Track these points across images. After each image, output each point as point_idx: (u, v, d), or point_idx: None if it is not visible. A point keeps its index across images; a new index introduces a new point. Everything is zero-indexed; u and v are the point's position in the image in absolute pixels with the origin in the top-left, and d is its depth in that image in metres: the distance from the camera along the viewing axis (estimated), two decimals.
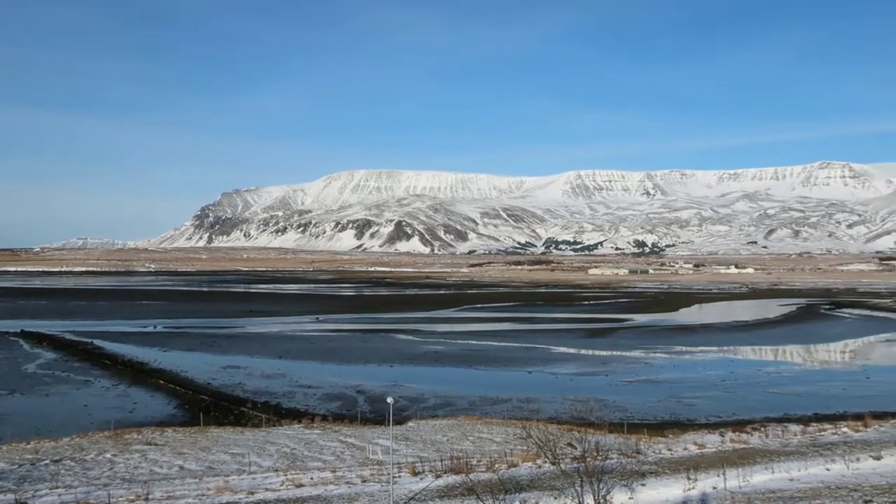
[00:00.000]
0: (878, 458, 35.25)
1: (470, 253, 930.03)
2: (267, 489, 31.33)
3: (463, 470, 32.77)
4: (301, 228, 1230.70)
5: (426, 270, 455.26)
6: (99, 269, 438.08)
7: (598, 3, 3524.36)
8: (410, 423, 47.61)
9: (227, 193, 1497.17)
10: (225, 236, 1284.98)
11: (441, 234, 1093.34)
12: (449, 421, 48.85)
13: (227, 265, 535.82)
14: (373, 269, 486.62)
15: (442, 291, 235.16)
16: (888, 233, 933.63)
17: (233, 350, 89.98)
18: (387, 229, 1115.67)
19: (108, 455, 37.37)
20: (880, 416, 49.09)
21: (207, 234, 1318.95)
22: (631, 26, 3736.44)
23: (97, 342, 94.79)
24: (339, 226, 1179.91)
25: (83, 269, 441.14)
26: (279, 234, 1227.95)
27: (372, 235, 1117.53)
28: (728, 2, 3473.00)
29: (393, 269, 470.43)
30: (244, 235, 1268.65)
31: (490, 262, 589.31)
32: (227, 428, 46.07)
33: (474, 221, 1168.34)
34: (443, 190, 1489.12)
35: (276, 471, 34.73)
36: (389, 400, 30.08)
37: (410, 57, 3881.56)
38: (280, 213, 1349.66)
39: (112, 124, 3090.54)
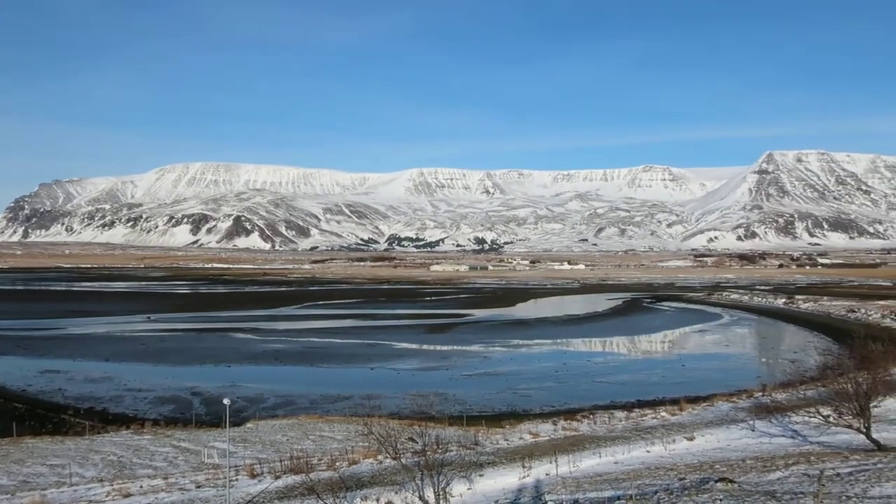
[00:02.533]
0: (692, 438, 38.31)
1: (312, 249, 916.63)
2: (90, 501, 29.26)
3: (303, 470, 32.24)
4: (131, 223, 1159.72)
5: (267, 267, 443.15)
6: None
7: (445, 4, 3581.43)
8: (249, 424, 46.26)
9: (46, 184, 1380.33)
10: (44, 230, 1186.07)
11: (282, 229, 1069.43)
12: (289, 420, 47.93)
13: (47, 262, 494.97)
14: (210, 265, 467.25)
15: (283, 288, 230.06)
16: (701, 232, 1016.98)
17: (52, 353, 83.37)
18: (225, 224, 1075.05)
19: None
20: (693, 400, 53.43)
21: (23, 227, 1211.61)
22: (474, 29, 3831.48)
23: None
24: (174, 220, 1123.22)
25: None
26: (106, 228, 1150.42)
27: (209, 231, 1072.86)
28: (567, 12, 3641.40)
29: (231, 266, 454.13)
30: (66, 230, 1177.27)
31: (333, 259, 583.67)
32: (44, 437, 42.59)
33: (317, 217, 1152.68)
34: (284, 185, 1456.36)
35: (102, 481, 32.53)
36: (226, 401, 29.04)
37: (252, 48, 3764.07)
38: (107, 207, 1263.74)
39: None
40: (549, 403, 56.82)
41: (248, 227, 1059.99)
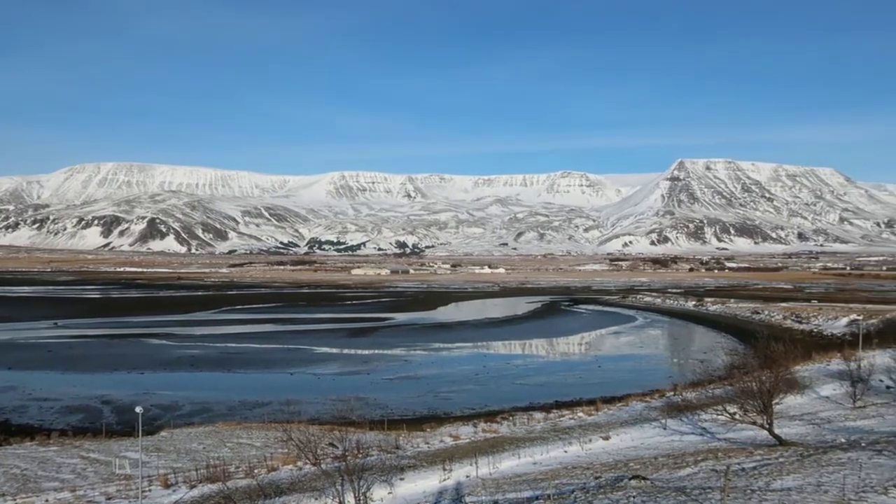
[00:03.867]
0: (607, 438, 39.36)
1: (230, 253, 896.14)
2: None
3: (220, 478, 31.57)
4: (37, 225, 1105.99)
5: (182, 271, 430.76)
6: None
7: (365, 7, 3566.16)
8: (163, 433, 44.95)
9: None
10: None
11: (199, 232, 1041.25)
12: (206, 428, 46.80)
13: None
14: (122, 269, 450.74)
15: (199, 293, 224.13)
16: (617, 236, 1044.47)
17: None
18: (139, 227, 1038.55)
19: None
20: (609, 400, 54.87)
21: None
22: (396, 32, 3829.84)
23: None
24: (83, 222, 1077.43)
25: None
26: (9, 230, 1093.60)
27: (121, 233, 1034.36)
28: (488, 18, 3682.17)
29: (145, 270, 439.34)
30: None
31: (251, 263, 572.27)
32: None
33: (235, 220, 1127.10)
34: (201, 187, 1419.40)
35: (3, 496, 31.00)
36: (138, 409, 28.19)
37: (168, 46, 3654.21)
38: (11, 207, 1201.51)
39: None
40: (469, 406, 57.31)
41: (164, 230, 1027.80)
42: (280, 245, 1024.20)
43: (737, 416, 35.29)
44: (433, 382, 68.40)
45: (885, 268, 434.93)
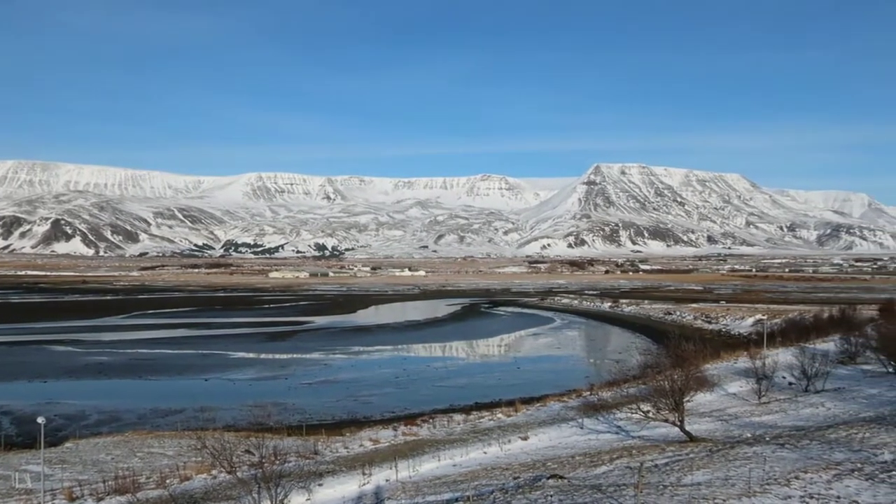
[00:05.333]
0: (526, 438, 39.81)
1: (141, 255, 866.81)
2: None
3: (129, 489, 30.35)
4: None
5: (90, 274, 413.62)
6: None
7: (284, 6, 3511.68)
8: (68, 444, 42.89)
9: None
10: None
11: (108, 234, 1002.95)
12: (114, 438, 44.95)
13: None
14: (23, 272, 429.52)
15: (108, 297, 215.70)
16: (535, 239, 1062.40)
17: None
18: (42, 228, 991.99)
19: None
20: (528, 401, 55.53)
21: None
22: (314, 33, 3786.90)
23: None
24: None
25: None
26: None
27: (23, 235, 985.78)
28: (407, 20, 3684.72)
29: (49, 273, 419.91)
30: None
31: (164, 266, 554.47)
32: None
33: (147, 222, 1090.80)
34: (110, 187, 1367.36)
35: None
36: (40, 420, 26.86)
37: (73, 38, 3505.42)
38: None
39: None
40: (389, 409, 57.06)
41: (69, 232, 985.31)
42: (194, 247, 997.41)
43: (650, 415, 36.24)
44: (353, 386, 67.83)
45: (787, 270, 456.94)
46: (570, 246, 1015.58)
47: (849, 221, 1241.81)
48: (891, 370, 51.60)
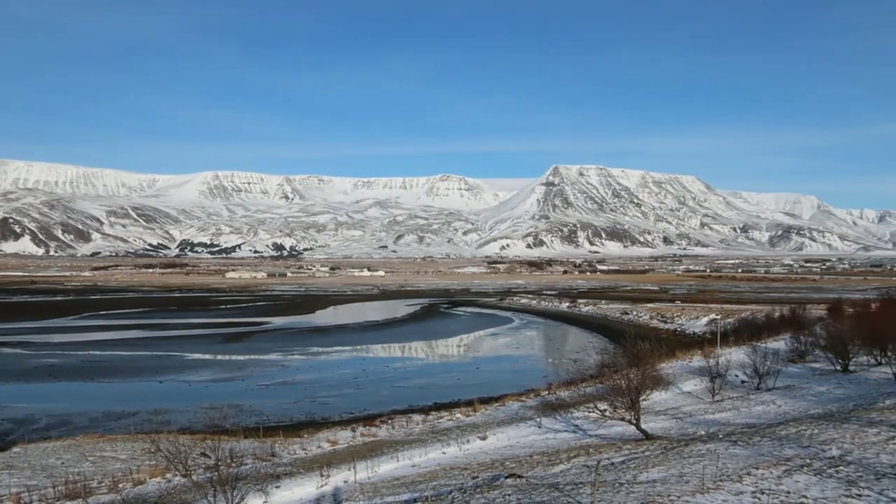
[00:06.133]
0: (484, 438, 39.94)
1: (94, 255, 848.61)
2: None
3: (80, 494, 29.68)
4: None
5: (39, 274, 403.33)
6: None
7: (240, 2, 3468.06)
8: (16, 449, 41.75)
9: None
10: None
11: (59, 233, 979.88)
12: (65, 442, 43.89)
13: None
14: None
15: (59, 298, 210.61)
16: (494, 240, 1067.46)
17: None
18: None
19: None
20: (487, 401, 55.71)
21: None
22: (273, 31, 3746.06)
23: None
24: None
25: None
26: None
27: None
28: (367, 20, 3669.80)
29: None
30: None
31: (117, 266, 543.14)
32: None
33: (99, 221, 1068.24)
34: (61, 185, 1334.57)
35: None
36: None
37: (22, 33, 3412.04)
38: None
39: None
40: (348, 410, 56.77)
41: (18, 231, 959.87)
42: (149, 247, 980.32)
43: (607, 413, 36.64)
44: (311, 387, 67.32)
45: (740, 270, 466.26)
46: (528, 246, 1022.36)
47: (799, 223, 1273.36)
48: (838, 368, 52.99)
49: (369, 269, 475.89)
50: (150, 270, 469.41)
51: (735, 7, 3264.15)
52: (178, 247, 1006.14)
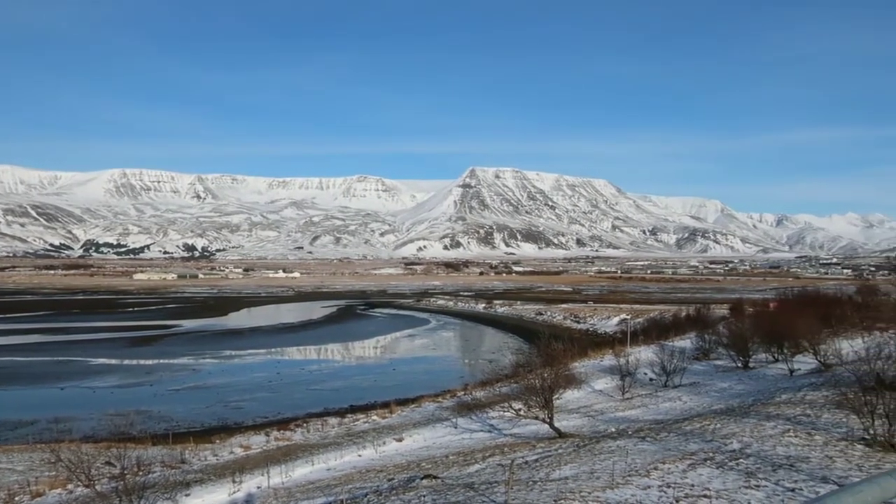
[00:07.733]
0: (401, 439, 39.93)
1: None
2: None
3: None
4: None
5: None
6: None
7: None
8: None
9: None
10: None
11: None
12: None
13: None
14: None
15: None
16: (412, 241, 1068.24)
17: None
18: None
19: None
20: (403, 402, 55.73)
21: None
22: (185, 26, 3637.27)
23: None
24: None
25: None
26: None
27: None
28: (282, 18, 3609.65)
29: None
30: None
31: (15, 267, 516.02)
32: None
33: None
34: None
35: None
36: None
37: None
38: None
39: None
40: (262, 414, 55.73)
41: None
42: (50, 247, 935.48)
43: (521, 412, 37.18)
44: (223, 392, 65.74)
45: (649, 271, 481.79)
46: (445, 248, 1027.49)
47: (704, 226, 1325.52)
48: (739, 365, 55.40)
49: (284, 271, 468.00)
50: (52, 272, 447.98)
51: (650, 14, 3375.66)
52: (82, 247, 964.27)
